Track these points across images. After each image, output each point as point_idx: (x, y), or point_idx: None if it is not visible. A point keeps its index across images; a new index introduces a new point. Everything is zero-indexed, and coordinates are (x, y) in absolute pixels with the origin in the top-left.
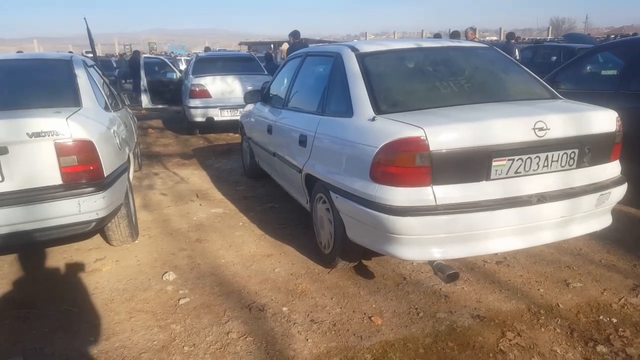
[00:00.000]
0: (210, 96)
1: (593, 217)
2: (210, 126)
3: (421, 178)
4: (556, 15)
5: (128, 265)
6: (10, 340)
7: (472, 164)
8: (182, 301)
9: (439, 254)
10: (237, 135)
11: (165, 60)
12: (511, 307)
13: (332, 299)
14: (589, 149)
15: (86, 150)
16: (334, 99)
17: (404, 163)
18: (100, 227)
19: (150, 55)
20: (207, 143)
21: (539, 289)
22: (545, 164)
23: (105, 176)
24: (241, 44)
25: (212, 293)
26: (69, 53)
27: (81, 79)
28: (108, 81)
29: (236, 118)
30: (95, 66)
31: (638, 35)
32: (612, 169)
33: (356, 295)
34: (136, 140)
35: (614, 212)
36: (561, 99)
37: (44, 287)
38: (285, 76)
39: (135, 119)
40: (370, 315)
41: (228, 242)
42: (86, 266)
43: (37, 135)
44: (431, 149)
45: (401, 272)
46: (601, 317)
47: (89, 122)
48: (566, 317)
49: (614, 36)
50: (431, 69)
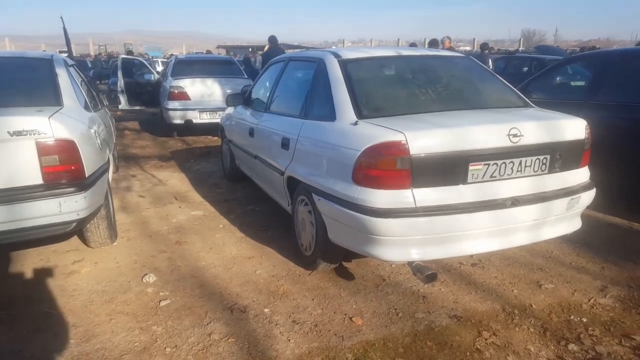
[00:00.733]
0: (189, 98)
1: (564, 220)
2: (189, 129)
3: (401, 181)
4: (527, 28)
5: (107, 267)
6: None
7: (450, 168)
8: (163, 303)
9: (418, 255)
10: (216, 138)
11: (143, 61)
12: (487, 308)
13: (313, 300)
14: (560, 155)
15: (68, 150)
16: (316, 103)
17: (385, 166)
18: (80, 228)
19: (129, 57)
20: (186, 145)
21: (513, 290)
22: (519, 169)
23: (87, 176)
24: (219, 47)
25: (193, 295)
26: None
27: (62, 78)
28: (87, 81)
29: (215, 121)
30: (75, 66)
31: (605, 49)
32: (582, 174)
33: (337, 297)
34: (115, 141)
35: (583, 216)
36: (534, 107)
37: (21, 289)
38: (267, 80)
39: (114, 120)
40: (351, 316)
41: (208, 245)
42: (64, 268)
43: (19, 134)
44: (411, 153)
45: (381, 274)
46: (572, 317)
47: (70, 121)
48: (539, 317)
49: (579, 49)
50: (411, 76)
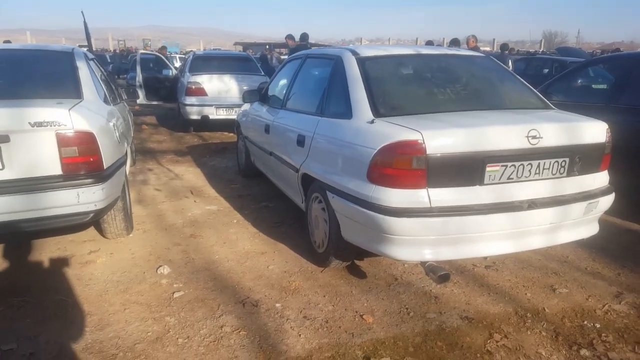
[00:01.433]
0: (207, 94)
1: (581, 225)
2: (205, 124)
3: (417, 180)
4: (549, 29)
5: (122, 258)
6: (5, 327)
7: (467, 169)
8: (176, 294)
9: (431, 255)
10: (232, 134)
11: (161, 56)
12: (499, 310)
13: (324, 296)
14: (580, 158)
15: (87, 141)
16: (333, 100)
17: (401, 165)
18: (97, 219)
19: (147, 52)
20: (202, 141)
21: (526, 294)
22: (537, 172)
23: (105, 168)
24: (236, 44)
25: (206, 287)
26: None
27: (82, 71)
28: (106, 75)
29: (232, 117)
30: (95, 60)
31: (628, 52)
32: (601, 178)
33: (348, 294)
34: (132, 135)
35: (600, 222)
36: (554, 109)
37: (39, 277)
38: (284, 77)
39: (132, 114)
40: (362, 314)
41: (222, 239)
42: (80, 257)
43: (39, 125)
44: (428, 152)
45: (393, 273)
46: (585, 322)
47: (90, 114)
48: (552, 321)
49: (600, 52)
50: (429, 75)
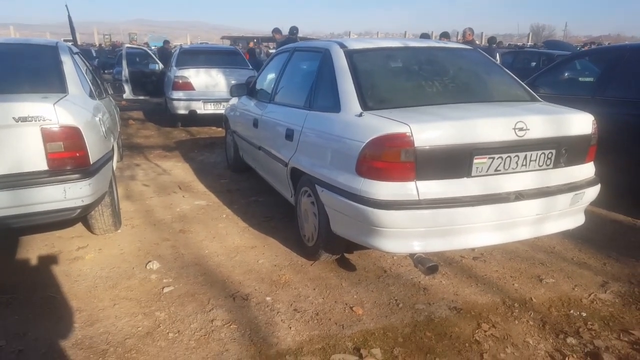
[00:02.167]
0: (194, 89)
1: (567, 215)
2: (193, 119)
3: (405, 173)
4: (536, 22)
5: (111, 254)
6: None
7: (455, 161)
8: (166, 289)
9: (419, 247)
10: (220, 129)
11: (148, 51)
12: (487, 300)
13: (314, 289)
14: (566, 150)
15: (73, 136)
16: (321, 94)
17: (390, 158)
18: (84, 215)
19: (133, 46)
20: (190, 136)
21: (513, 284)
22: (524, 163)
23: (92, 163)
24: (223, 37)
25: (196, 282)
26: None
27: (67, 65)
28: (92, 69)
29: (220, 112)
30: (80, 54)
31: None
32: (587, 170)
33: (338, 287)
34: (119, 129)
35: (586, 212)
36: (540, 101)
37: (26, 274)
38: (272, 71)
39: (118, 109)
40: (351, 306)
41: (212, 234)
42: (68, 254)
43: (24, 120)
44: (416, 145)
45: (382, 265)
46: (572, 311)
47: (75, 108)
48: (539, 311)
49: (587, 45)
50: (417, 67)
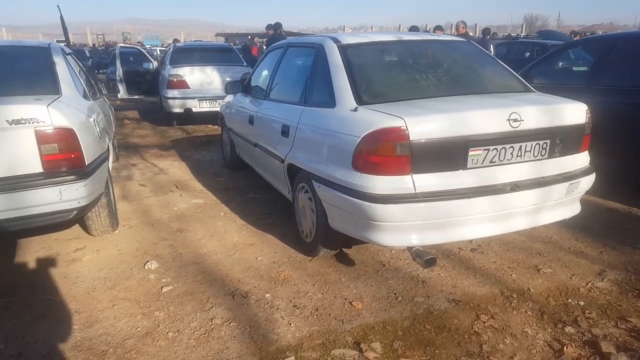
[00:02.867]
0: (189, 87)
1: (563, 205)
2: (189, 117)
3: (401, 167)
4: (530, 12)
5: (109, 254)
6: None
7: (450, 154)
8: (165, 289)
9: (417, 240)
10: (216, 126)
11: (142, 50)
12: (485, 292)
13: (314, 285)
14: (560, 140)
15: (67, 138)
16: (316, 89)
17: (385, 152)
18: (81, 216)
19: (126, 45)
20: (186, 134)
21: (511, 275)
22: (519, 154)
23: (87, 164)
24: (218, 35)
25: (195, 281)
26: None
27: (60, 66)
28: (85, 70)
29: (215, 109)
30: (73, 54)
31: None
32: (582, 159)
33: (337, 282)
34: (114, 130)
35: (582, 201)
36: (534, 92)
37: (24, 277)
38: (266, 67)
39: (113, 109)
40: (350, 300)
41: (210, 232)
42: (66, 256)
43: (17, 122)
44: (411, 138)
45: (380, 259)
46: (569, 300)
47: (69, 110)
48: (537, 301)
49: (580, 34)
50: (411, 61)
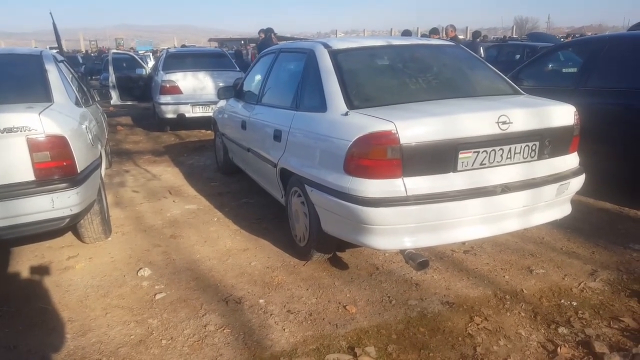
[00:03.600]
0: (182, 92)
1: (554, 206)
2: (182, 123)
3: (392, 170)
4: (520, 15)
5: (102, 262)
6: None
7: (440, 156)
8: (158, 296)
9: (410, 243)
10: (209, 131)
11: (134, 56)
12: (478, 294)
13: (307, 290)
14: (549, 142)
15: (59, 145)
16: (307, 94)
17: (376, 156)
18: (73, 224)
19: (119, 51)
20: (179, 140)
21: (504, 276)
22: (509, 156)
23: (79, 172)
24: (211, 40)
25: (189, 287)
26: (35, 48)
27: (52, 74)
28: (78, 76)
29: (208, 114)
30: (65, 62)
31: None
32: (571, 160)
33: (331, 286)
34: (107, 136)
35: (573, 202)
36: (523, 94)
37: (17, 286)
38: (258, 72)
39: (106, 116)
40: (344, 305)
41: (203, 238)
42: (59, 264)
43: (9, 130)
44: (402, 142)
45: (374, 263)
46: (562, 301)
47: (61, 117)
48: (530, 302)
49: (571, 36)
50: (401, 65)
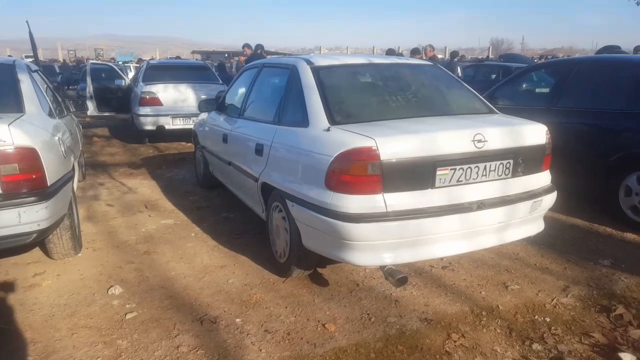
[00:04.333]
0: (162, 104)
1: (528, 223)
2: (161, 135)
3: (373, 186)
4: (496, 36)
5: (70, 279)
6: None
7: (419, 173)
8: (128, 316)
9: (390, 259)
10: (189, 144)
11: (113, 66)
12: (456, 310)
13: (286, 307)
14: (523, 160)
15: (29, 158)
16: (290, 109)
17: (357, 171)
18: (41, 239)
19: (98, 62)
20: (157, 152)
21: (481, 292)
22: (484, 173)
23: (49, 185)
24: (194, 52)
25: (162, 307)
26: (9, 57)
27: (24, 84)
28: (53, 87)
29: (189, 127)
30: (39, 71)
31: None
32: (544, 178)
33: (310, 303)
34: (81, 148)
35: (546, 218)
36: (498, 113)
37: None
38: (241, 86)
39: (81, 127)
40: (324, 323)
41: (179, 254)
42: (24, 281)
43: None
44: (382, 158)
45: (354, 279)
46: (536, 317)
47: (32, 128)
48: (505, 318)
49: (544, 57)
50: (381, 83)
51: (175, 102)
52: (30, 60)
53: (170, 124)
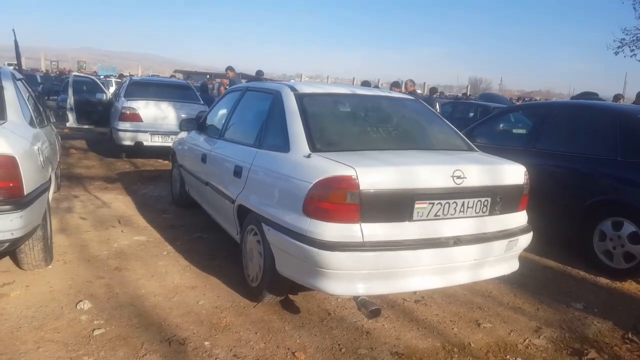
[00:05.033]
0: (142, 120)
1: (502, 261)
2: (139, 151)
3: (351, 215)
4: (474, 75)
5: (39, 291)
6: None
7: (397, 205)
8: (96, 332)
9: (363, 289)
10: (167, 161)
11: (96, 80)
12: (427, 345)
13: (256, 333)
14: (500, 198)
15: (7, 166)
16: (271, 133)
17: (336, 199)
18: (13, 248)
19: (81, 74)
20: (134, 168)
21: (453, 328)
22: (462, 210)
23: (25, 194)
24: (176, 71)
25: (130, 325)
26: None
27: (8, 91)
28: (35, 96)
29: (167, 144)
30: (23, 80)
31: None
32: (520, 218)
33: (281, 330)
34: (58, 159)
35: (520, 258)
36: (477, 151)
37: None
38: (223, 107)
39: (59, 137)
40: (294, 351)
41: (150, 272)
42: None
43: None
44: (361, 187)
45: (326, 308)
46: (508, 357)
47: (13, 136)
48: (477, 356)
49: (522, 99)
50: (363, 114)
51: (156, 120)
52: (12, 69)
53: (149, 140)
